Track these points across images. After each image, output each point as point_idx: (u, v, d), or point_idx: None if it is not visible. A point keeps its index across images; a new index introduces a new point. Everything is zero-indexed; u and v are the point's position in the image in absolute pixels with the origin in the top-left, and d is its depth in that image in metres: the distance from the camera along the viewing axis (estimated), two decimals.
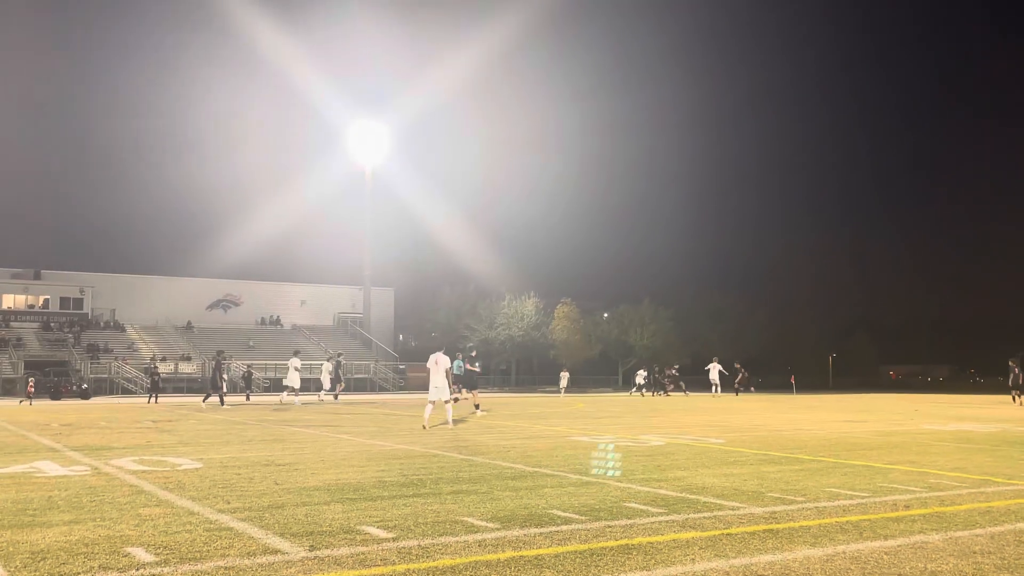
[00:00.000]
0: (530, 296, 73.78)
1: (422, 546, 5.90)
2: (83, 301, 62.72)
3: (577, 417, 22.48)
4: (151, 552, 5.67)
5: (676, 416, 23.05)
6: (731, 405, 31.17)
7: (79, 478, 9.30)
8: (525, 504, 7.62)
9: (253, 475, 9.61)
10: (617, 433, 16.29)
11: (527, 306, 72.86)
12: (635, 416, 23.02)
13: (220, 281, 69.05)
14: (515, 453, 12.18)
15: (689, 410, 26.80)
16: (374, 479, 9.27)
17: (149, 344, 58.92)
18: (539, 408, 28.32)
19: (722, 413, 24.77)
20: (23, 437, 15.11)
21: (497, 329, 71.96)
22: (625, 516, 7.06)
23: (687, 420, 21.05)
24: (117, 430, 16.96)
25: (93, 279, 64.42)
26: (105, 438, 14.85)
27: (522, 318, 72.40)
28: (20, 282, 62.27)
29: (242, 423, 19.37)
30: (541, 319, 73.41)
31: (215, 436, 15.43)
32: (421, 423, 17.96)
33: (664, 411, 26.03)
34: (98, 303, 63.48)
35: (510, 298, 73.44)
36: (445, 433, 16.15)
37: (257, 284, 70.92)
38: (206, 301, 68.23)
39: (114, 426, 18.22)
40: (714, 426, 18.59)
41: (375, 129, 63.08)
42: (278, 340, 63.82)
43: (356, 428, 17.63)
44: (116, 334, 60.09)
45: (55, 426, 18.13)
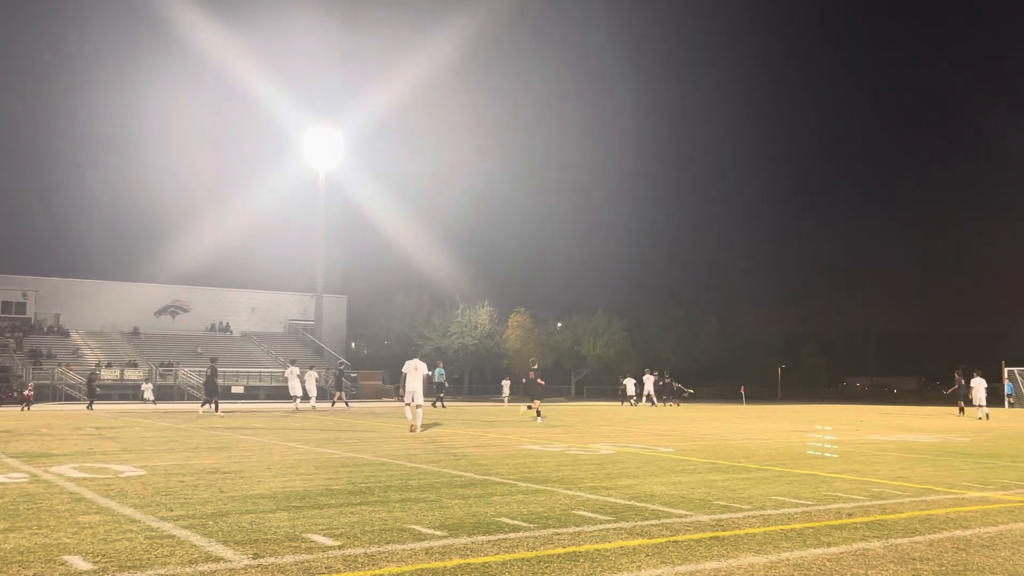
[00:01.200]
0: (484, 305, 73.80)
1: (368, 554, 5.85)
2: (26, 305, 61.36)
3: (529, 425, 22.47)
4: (89, 560, 5.54)
5: (627, 425, 23.16)
6: (681, 415, 31.43)
7: (16, 485, 9.07)
8: (474, 512, 7.59)
9: (197, 483, 9.45)
10: (568, 442, 16.31)
11: (481, 315, 72.87)
12: (586, 425, 23.08)
13: (168, 287, 67.98)
14: (465, 461, 12.14)
15: (640, 419, 26.96)
16: (321, 487, 9.18)
17: (94, 350, 57.76)
18: (491, 416, 28.28)
19: (673, 423, 24.96)
20: None
21: (451, 338, 71.85)
22: (573, 524, 7.07)
23: (637, 429, 21.17)
24: (59, 437, 16.59)
25: (37, 283, 63.05)
26: (45, 445, 14.51)
27: (476, 327, 72.39)
28: None
29: (188, 430, 19.05)
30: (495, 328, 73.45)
31: (160, 443, 15.16)
32: (410, 426, 18.97)
33: (615, 420, 26.15)
34: (41, 307, 62.12)
35: (464, 307, 73.40)
36: (396, 441, 16.05)
37: (206, 290, 69.95)
38: (154, 307, 67.12)
39: (55, 433, 17.82)
40: (664, 435, 18.72)
41: (329, 134, 62.64)
42: (227, 347, 62.94)
43: (305, 436, 17.45)
44: (60, 339, 58.81)
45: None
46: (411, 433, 18.32)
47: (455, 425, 22.46)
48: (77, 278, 66.53)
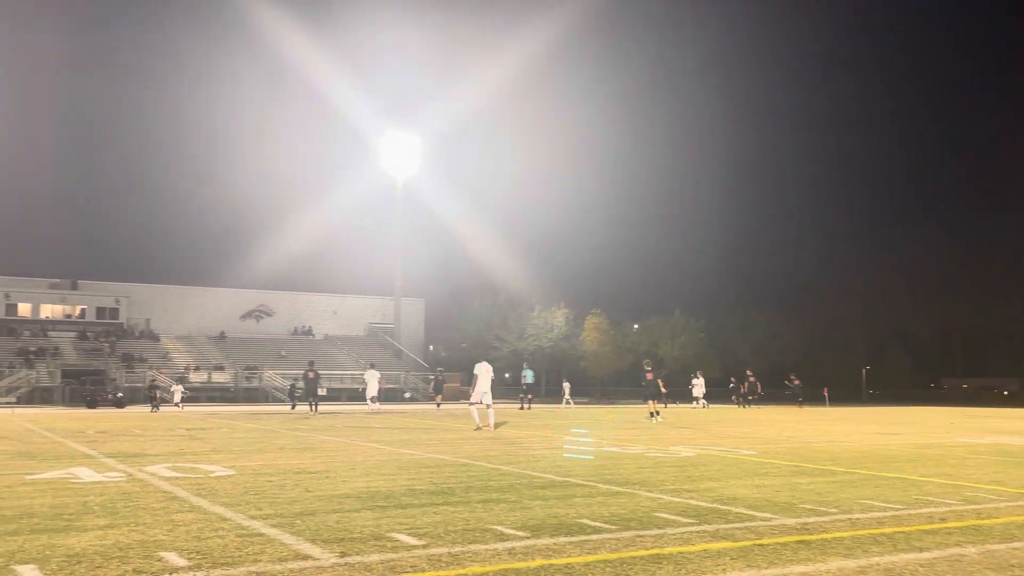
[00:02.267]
0: (560, 307, 73.74)
1: (452, 553, 5.91)
2: (119, 311, 63.57)
3: (607, 427, 22.40)
4: (184, 557, 5.72)
5: (707, 427, 22.90)
6: (760, 417, 30.91)
7: (114, 484, 9.42)
8: (555, 513, 7.61)
9: (285, 482, 9.68)
10: (647, 444, 16.21)
11: (557, 317, 72.83)
12: (665, 427, 22.90)
13: (253, 291, 69.68)
14: (545, 463, 12.16)
15: (720, 422, 26.62)
16: (404, 487, 9.31)
17: (183, 353, 59.54)
18: (569, 419, 28.25)
19: (753, 425, 24.58)
20: (60, 444, 15.33)
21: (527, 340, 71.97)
22: (655, 526, 7.03)
23: (718, 431, 20.91)
24: (151, 438, 17.16)
25: (129, 289, 65.28)
26: (139, 445, 15.02)
27: (552, 329, 72.38)
28: (58, 292, 63.26)
29: (274, 431, 19.51)
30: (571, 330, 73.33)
31: (247, 444, 15.56)
32: (476, 426, 20.33)
33: (694, 423, 25.87)
34: (133, 313, 64.31)
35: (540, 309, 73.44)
36: (475, 442, 16.17)
37: (289, 295, 71.48)
38: (239, 311, 68.87)
39: (148, 434, 18.43)
40: (745, 437, 18.45)
41: (407, 140, 63.46)
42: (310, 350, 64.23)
43: (387, 437, 17.70)
44: (151, 344, 60.80)
45: (91, 433, 18.37)
46: (478, 432, 19.07)
47: (534, 427, 22.52)
48: (166, 284, 68.69)
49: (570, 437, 18.16)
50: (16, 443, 15.42)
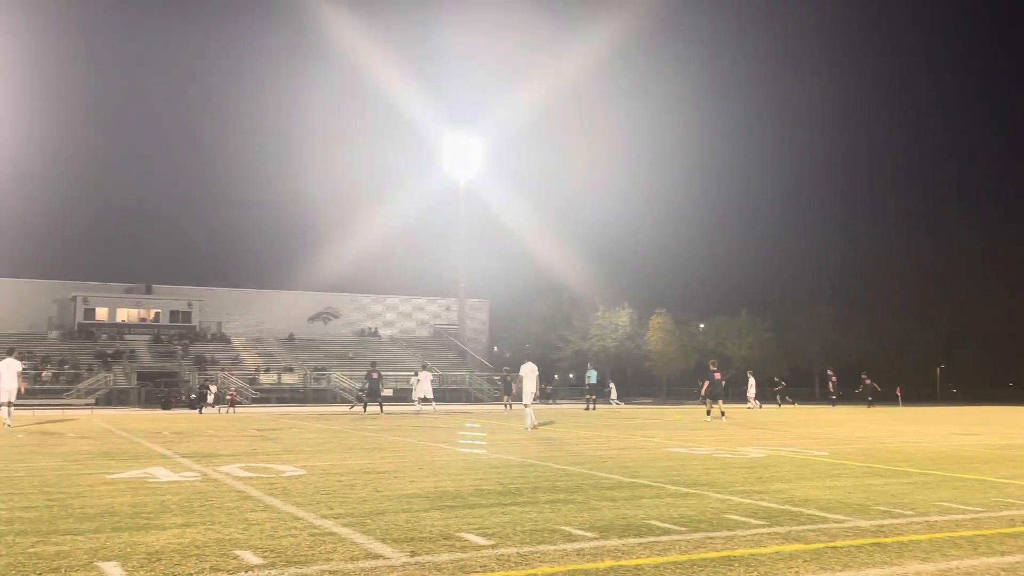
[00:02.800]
0: (624, 307, 73.36)
1: (520, 554, 5.93)
2: (191, 314, 65.08)
3: (674, 428, 22.22)
4: (259, 555, 5.84)
5: (777, 428, 22.57)
6: (831, 417, 30.34)
7: (189, 483, 9.65)
8: (623, 514, 7.58)
9: (354, 482, 9.81)
10: (716, 444, 16.04)
11: (621, 317, 72.49)
12: (733, 428, 22.62)
13: (320, 294, 70.74)
14: (612, 463, 12.12)
15: (790, 423, 26.20)
16: (472, 487, 9.36)
17: (253, 355, 60.72)
18: (634, 419, 28.10)
19: (824, 425, 24.15)
20: (137, 444, 15.76)
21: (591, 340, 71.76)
22: (726, 527, 6.95)
23: (788, 432, 20.59)
24: (224, 438, 17.53)
25: (201, 293, 66.82)
26: (213, 445, 15.36)
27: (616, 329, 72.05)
28: (133, 296, 65.04)
29: (343, 432, 19.78)
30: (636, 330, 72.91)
31: (317, 444, 15.81)
32: (522, 428, 20.57)
33: (765, 423, 25.52)
34: (205, 316, 65.78)
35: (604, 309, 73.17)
36: (541, 443, 16.18)
37: (355, 297, 72.39)
38: (307, 313, 69.98)
39: (221, 434, 18.84)
40: (816, 438, 18.13)
41: (469, 142, 63.83)
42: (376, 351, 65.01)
43: (454, 437, 17.82)
44: (222, 346, 62.15)
45: (166, 434, 18.85)
46: (527, 432, 19.42)
47: (599, 427, 22.44)
48: (237, 287, 70.15)
49: (637, 438, 18.06)
50: (96, 443, 15.91)
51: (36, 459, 12.66)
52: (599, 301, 74.07)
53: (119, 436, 18.15)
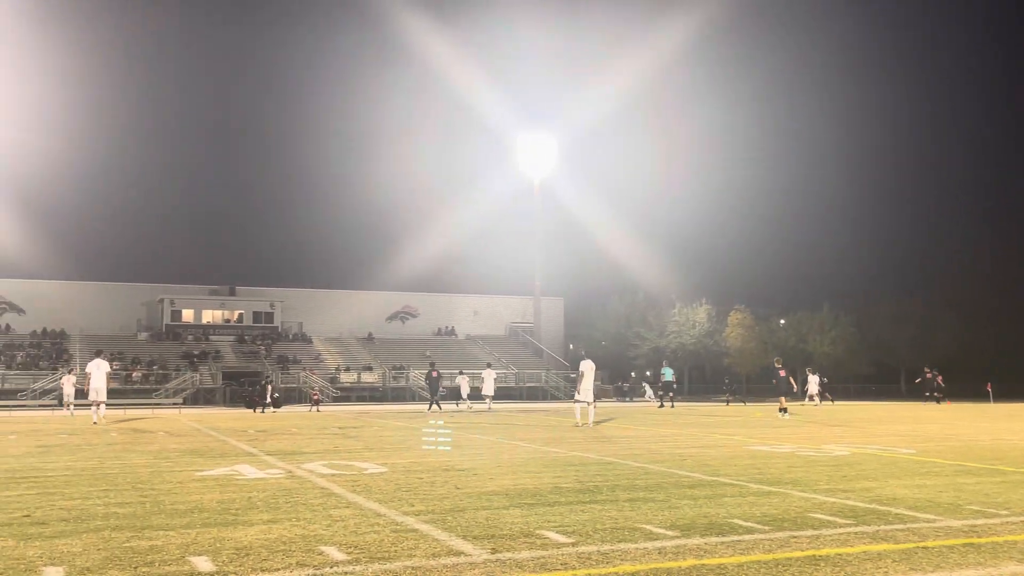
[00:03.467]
0: (702, 303, 72.54)
1: (601, 552, 5.91)
2: (273, 315, 66.54)
3: (755, 425, 21.88)
4: (343, 551, 5.94)
5: (861, 426, 22.04)
6: (921, 414, 29.49)
7: (275, 480, 9.87)
8: (704, 512, 7.50)
9: (435, 479, 9.90)
10: (798, 442, 15.74)
11: (699, 313, 71.70)
12: (815, 425, 22.17)
13: (398, 294, 71.62)
14: (692, 462, 12.00)
15: (875, 420, 25.56)
16: (551, 485, 9.36)
17: (333, 355, 61.79)
18: (714, 416, 27.76)
19: (912, 423, 23.49)
20: (223, 442, 16.18)
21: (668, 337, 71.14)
22: (811, 527, 6.82)
23: (872, 430, 20.09)
24: (307, 436, 17.89)
25: (282, 294, 68.27)
26: (296, 443, 15.69)
27: (694, 326, 71.30)
28: (217, 298, 66.79)
29: (422, 429, 19.99)
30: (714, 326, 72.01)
31: (397, 442, 16.01)
32: (575, 423, 21.32)
33: (847, 420, 24.95)
34: (287, 317, 67.20)
35: (681, 305, 72.46)
36: (620, 441, 16.10)
37: (432, 296, 73.08)
38: (385, 313, 70.92)
39: (304, 432, 19.22)
40: (903, 436, 17.65)
41: (543, 140, 63.86)
42: (453, 350, 65.55)
43: (531, 435, 17.86)
44: (304, 346, 63.41)
45: (251, 432, 19.31)
46: (578, 428, 20.16)
47: (678, 425, 22.23)
48: (317, 288, 71.48)
49: (717, 436, 17.84)
50: (185, 441, 16.39)
51: (129, 456, 13.11)
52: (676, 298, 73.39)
53: (206, 434, 18.66)
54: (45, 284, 62.59)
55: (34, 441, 16.50)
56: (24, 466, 11.65)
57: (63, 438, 17.41)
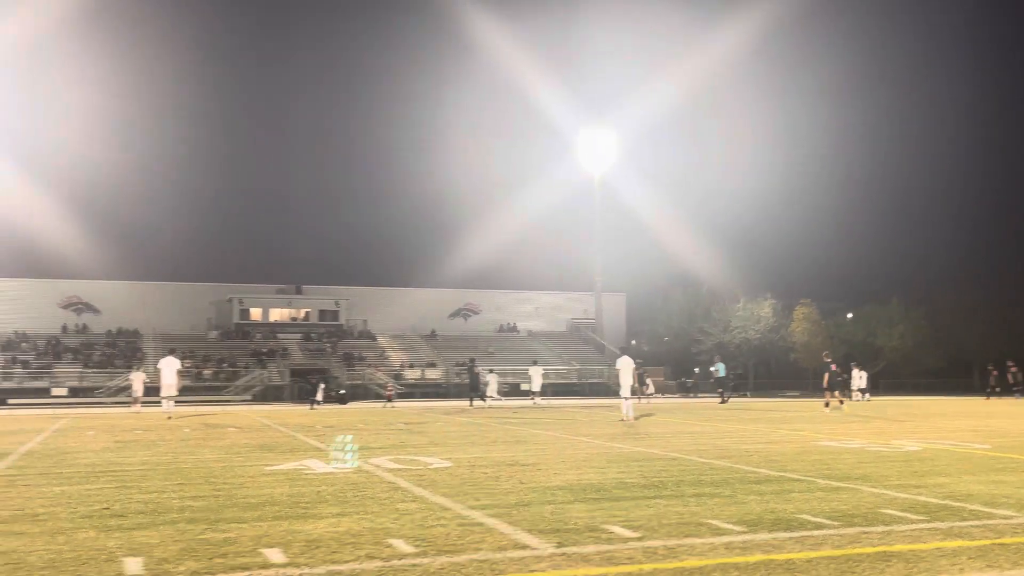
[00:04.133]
0: (767, 298, 71.45)
1: (668, 546, 5.90)
2: (338, 313, 67.40)
3: (822, 421, 21.52)
4: (410, 544, 6.03)
5: (932, 420, 21.53)
6: (995, 409, 28.68)
7: (343, 475, 10.03)
8: (772, 508, 7.42)
9: (499, 474, 9.96)
10: (867, 438, 15.45)
11: (763, 308, 70.60)
12: (884, 420, 21.72)
13: (459, 291, 71.99)
14: (758, 457, 11.87)
15: (948, 415, 24.94)
16: (615, 480, 9.35)
17: (397, 352, 62.40)
18: (779, 412, 27.38)
19: (985, 418, 22.87)
20: (292, 437, 16.48)
21: (732, 332, 70.24)
22: (882, 522, 6.71)
23: (944, 425, 19.61)
24: (373, 431, 18.12)
25: (347, 292, 69.10)
26: (363, 439, 15.90)
27: (758, 320, 70.25)
28: (284, 297, 67.92)
29: (485, 425, 20.10)
30: (779, 321, 70.88)
31: (461, 437, 16.13)
32: (617, 419, 21.44)
33: (917, 415, 24.39)
34: (352, 314, 68.01)
35: (745, 300, 71.48)
36: (684, 437, 15.99)
37: (493, 293, 73.28)
38: (448, 310, 71.34)
39: (370, 428, 19.47)
40: (977, 431, 17.21)
41: (604, 135, 63.56)
42: (515, 347, 65.66)
43: (594, 431, 17.83)
44: (368, 343, 64.13)
45: (319, 428, 19.62)
46: (623, 423, 20.31)
47: (743, 421, 21.99)
48: (380, 286, 72.22)
49: (784, 431, 17.58)
50: (255, 437, 16.73)
51: (202, 452, 13.43)
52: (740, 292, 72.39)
53: (275, 430, 19.02)
54: (119, 285, 64.29)
55: (111, 437, 17.00)
56: (102, 461, 12.02)
57: (138, 434, 17.91)
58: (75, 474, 10.37)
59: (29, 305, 60.71)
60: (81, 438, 16.70)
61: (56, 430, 19.45)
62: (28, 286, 62.24)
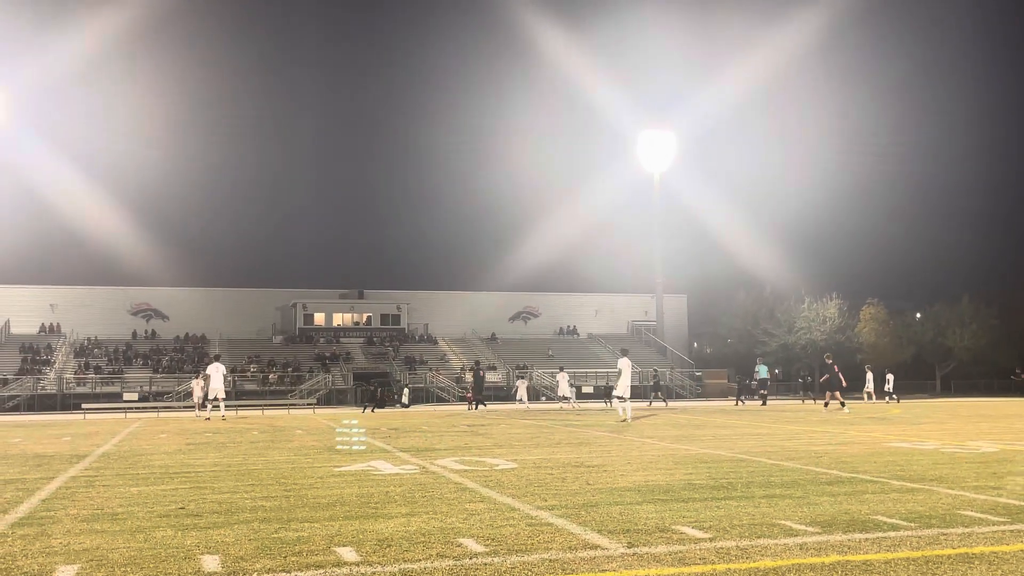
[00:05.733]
0: (832, 298, 70.19)
1: (740, 547, 5.83)
2: (400, 317, 68.04)
3: (893, 422, 21.07)
4: (481, 543, 6.05)
5: (1009, 421, 20.92)
6: None
7: (410, 476, 10.11)
8: (845, 509, 7.28)
9: (565, 475, 9.95)
10: (941, 439, 15.08)
11: (829, 308, 69.37)
12: (959, 421, 21.17)
13: (519, 294, 72.10)
14: (828, 459, 11.66)
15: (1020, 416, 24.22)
16: (683, 481, 9.27)
17: (459, 355, 62.72)
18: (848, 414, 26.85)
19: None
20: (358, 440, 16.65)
21: (797, 333, 69.15)
22: (961, 524, 6.54)
23: (1022, 426, 19.04)
24: (437, 433, 18.24)
25: (408, 296, 69.73)
26: (427, 441, 16.01)
27: (824, 321, 69.03)
28: (347, 302, 68.77)
29: (548, 427, 20.09)
30: (846, 321, 69.58)
31: (526, 439, 16.14)
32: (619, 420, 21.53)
33: (993, 416, 23.72)
34: (413, 318, 68.60)
35: (810, 300, 70.31)
36: (751, 438, 15.79)
37: (553, 295, 73.24)
38: (507, 313, 71.49)
39: (433, 430, 19.60)
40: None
41: (663, 135, 63.12)
42: (575, 349, 65.55)
43: (659, 433, 17.70)
44: (429, 346, 64.59)
45: (384, 430, 19.81)
46: (623, 424, 20.95)
47: (810, 423, 21.63)
48: (441, 290, 72.71)
49: (853, 433, 17.26)
50: (322, 439, 16.95)
51: (271, 453, 13.66)
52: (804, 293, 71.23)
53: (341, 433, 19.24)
54: (187, 292, 65.80)
55: (183, 440, 17.39)
56: (176, 462, 12.30)
57: (208, 436, 18.28)
58: (150, 475, 10.62)
59: (101, 312, 62.48)
60: (154, 441, 17.11)
61: (129, 433, 19.95)
62: (99, 294, 64.04)
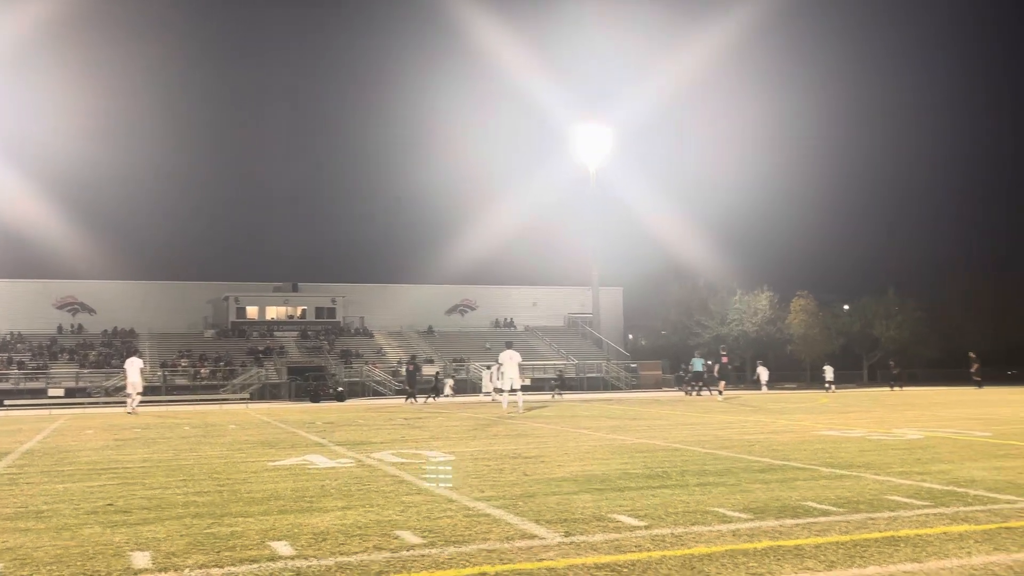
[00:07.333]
0: (763, 290, 71.57)
1: (675, 534, 5.90)
2: (335, 310, 67.36)
3: (821, 412, 21.57)
4: (418, 535, 6.02)
5: (933, 410, 21.59)
6: (992, 397, 28.75)
7: (346, 469, 10.02)
8: (777, 496, 7.43)
9: (502, 466, 9.96)
10: (868, 427, 15.48)
11: (760, 300, 70.72)
12: (884, 410, 21.78)
13: (456, 287, 71.94)
14: (760, 447, 11.89)
15: (947, 404, 25.00)
16: (619, 471, 9.36)
17: (395, 348, 62.38)
18: (779, 403, 27.43)
19: (985, 406, 22.94)
20: (293, 434, 16.47)
21: (729, 325, 70.34)
22: (887, 508, 6.72)
23: (944, 414, 19.67)
24: (374, 427, 18.11)
25: (343, 289, 69.03)
26: (363, 434, 15.90)
27: (755, 313, 70.36)
28: (281, 295, 67.84)
29: (485, 419, 20.10)
30: (777, 313, 71.01)
31: (462, 432, 16.12)
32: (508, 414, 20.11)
33: (918, 404, 24.45)
34: (348, 311, 67.96)
35: (741, 293, 71.59)
36: (686, 428, 16.02)
37: (490, 288, 73.25)
38: (444, 306, 71.29)
39: (369, 424, 19.46)
40: (977, 419, 17.26)
41: (599, 129, 63.54)
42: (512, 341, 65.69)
43: (595, 424, 17.84)
44: (365, 340, 64.09)
45: (319, 424, 19.61)
46: (510, 417, 20.87)
47: (743, 412, 22.02)
48: (376, 283, 72.14)
49: (784, 422, 17.59)
50: (256, 433, 16.71)
51: (203, 448, 13.42)
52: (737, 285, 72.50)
53: (275, 427, 19.00)
54: (115, 285, 64.17)
55: (110, 435, 16.98)
56: (104, 458, 12.01)
57: (137, 432, 17.88)
58: (76, 471, 10.35)
59: (24, 306, 60.58)
60: (80, 437, 16.67)
61: (54, 429, 19.42)
62: (23, 287, 62.11)
